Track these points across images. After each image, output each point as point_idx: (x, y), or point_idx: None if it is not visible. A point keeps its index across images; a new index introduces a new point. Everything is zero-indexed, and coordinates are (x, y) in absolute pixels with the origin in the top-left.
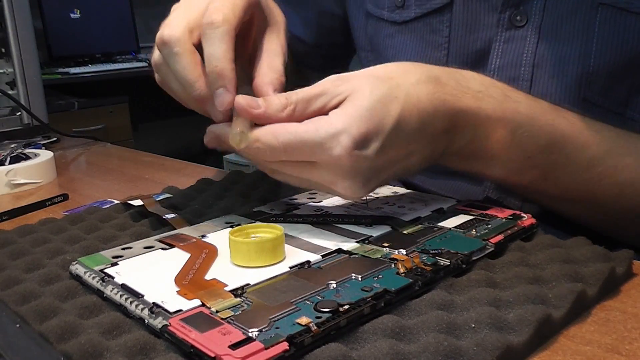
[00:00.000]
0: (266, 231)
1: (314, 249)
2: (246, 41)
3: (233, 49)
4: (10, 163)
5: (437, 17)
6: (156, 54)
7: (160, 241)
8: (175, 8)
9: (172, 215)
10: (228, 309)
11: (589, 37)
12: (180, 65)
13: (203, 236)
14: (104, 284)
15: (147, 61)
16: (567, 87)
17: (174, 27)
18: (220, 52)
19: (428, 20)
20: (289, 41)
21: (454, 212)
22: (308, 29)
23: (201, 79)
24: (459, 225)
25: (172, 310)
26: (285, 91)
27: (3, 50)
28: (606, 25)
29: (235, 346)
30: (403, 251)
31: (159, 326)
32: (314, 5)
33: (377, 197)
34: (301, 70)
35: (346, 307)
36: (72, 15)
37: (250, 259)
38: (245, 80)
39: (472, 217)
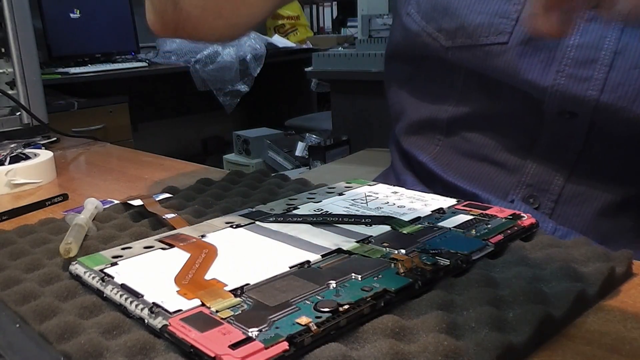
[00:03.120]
0: None
1: (313, 249)
2: None
3: None
4: (10, 163)
5: None
6: None
7: (160, 241)
8: None
9: (172, 215)
10: (228, 308)
11: None
12: None
13: (203, 236)
14: (104, 283)
15: (147, 61)
16: None
17: None
18: None
19: None
20: None
21: (453, 212)
22: None
23: None
24: (458, 225)
25: (172, 310)
26: None
27: (3, 50)
28: None
29: (235, 346)
30: (403, 251)
31: (159, 326)
32: None
33: (377, 197)
34: None
35: (346, 307)
36: (71, 15)
37: None
38: None
39: (472, 217)
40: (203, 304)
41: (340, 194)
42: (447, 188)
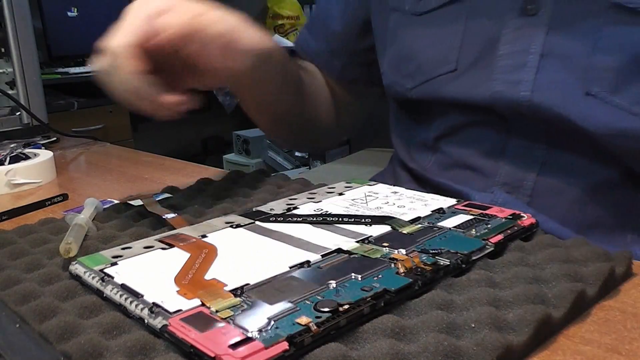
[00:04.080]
0: None
1: (313, 248)
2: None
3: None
4: (9, 163)
5: (456, 7)
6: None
7: (160, 241)
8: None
9: (172, 215)
10: (228, 308)
11: (597, 34)
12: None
13: (203, 236)
14: (104, 283)
15: None
16: (572, 80)
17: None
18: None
19: (447, 10)
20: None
21: (453, 212)
22: (343, 38)
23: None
24: (458, 225)
25: (171, 310)
26: None
27: (3, 50)
28: (615, 25)
29: (235, 346)
30: (403, 251)
31: (159, 326)
32: (345, 15)
33: (377, 197)
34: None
35: (346, 306)
36: (69, 13)
37: None
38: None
39: (471, 217)
40: (203, 304)
41: (340, 194)
42: (437, 188)
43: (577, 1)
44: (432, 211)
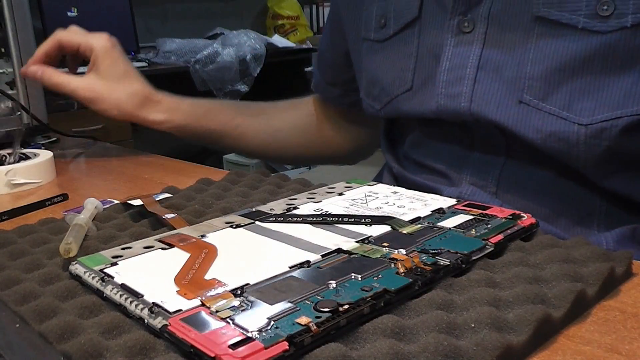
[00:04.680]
0: None
1: (313, 248)
2: None
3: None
4: (10, 163)
5: (409, 31)
6: None
7: (160, 241)
8: None
9: (172, 215)
10: (228, 308)
11: (527, 46)
12: None
13: (203, 236)
14: (104, 283)
15: (147, 61)
16: (506, 89)
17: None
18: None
19: (402, 35)
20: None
21: (453, 212)
22: (336, 70)
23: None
24: (458, 225)
25: (171, 310)
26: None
27: (3, 50)
28: (542, 36)
29: (235, 346)
30: (403, 251)
31: (159, 326)
32: (335, 50)
33: (377, 197)
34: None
35: (346, 306)
36: (69, 13)
37: None
38: None
39: (471, 217)
40: (203, 304)
41: (340, 194)
42: (413, 186)
43: (507, 17)
44: (432, 211)
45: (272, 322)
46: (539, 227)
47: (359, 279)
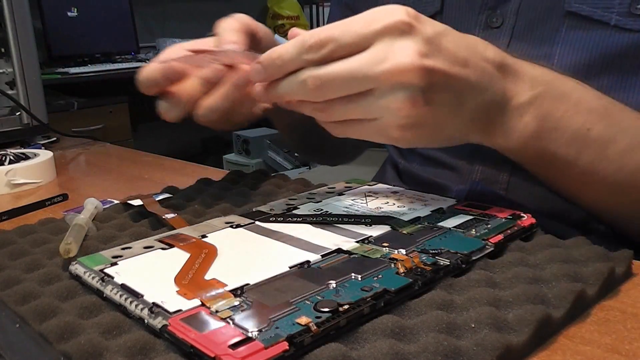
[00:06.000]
0: None
1: (313, 249)
2: None
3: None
4: (10, 163)
5: None
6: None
7: (160, 241)
8: None
9: (172, 215)
10: (228, 308)
11: (554, 41)
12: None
13: (203, 236)
14: (104, 284)
15: (147, 61)
16: None
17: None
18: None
19: None
20: None
21: (453, 212)
22: None
23: None
24: (458, 225)
25: (171, 310)
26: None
27: (3, 50)
28: (571, 31)
29: (235, 346)
30: (403, 251)
31: (159, 326)
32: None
33: (377, 197)
34: None
35: (346, 307)
36: (69, 13)
37: None
38: None
39: (471, 217)
40: (203, 304)
41: (340, 194)
42: (420, 183)
43: (536, 11)
44: (432, 211)
45: (272, 322)
46: (545, 225)
47: (359, 279)
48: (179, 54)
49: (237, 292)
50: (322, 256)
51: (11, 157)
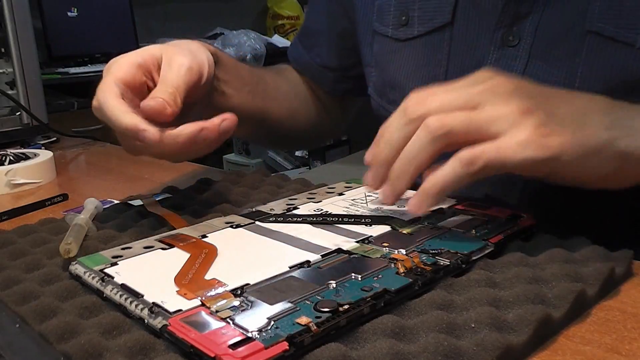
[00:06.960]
0: None
1: (313, 249)
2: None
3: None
4: (10, 163)
5: (438, 35)
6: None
7: (160, 241)
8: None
9: (172, 215)
10: (228, 308)
11: (575, 62)
12: None
13: (203, 236)
14: (104, 284)
15: None
16: None
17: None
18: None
19: (430, 38)
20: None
21: (453, 212)
22: (331, 53)
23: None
24: (458, 225)
25: (171, 310)
26: None
27: (3, 50)
28: (593, 52)
29: (235, 346)
30: (403, 251)
31: (159, 326)
32: (332, 29)
33: (377, 197)
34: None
35: (346, 306)
36: (69, 13)
37: None
38: None
39: (471, 217)
40: (203, 304)
41: (340, 194)
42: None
43: (555, 30)
44: (432, 211)
45: (272, 322)
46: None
47: (359, 279)
48: (127, 71)
49: (237, 292)
50: (322, 256)
51: (11, 157)
